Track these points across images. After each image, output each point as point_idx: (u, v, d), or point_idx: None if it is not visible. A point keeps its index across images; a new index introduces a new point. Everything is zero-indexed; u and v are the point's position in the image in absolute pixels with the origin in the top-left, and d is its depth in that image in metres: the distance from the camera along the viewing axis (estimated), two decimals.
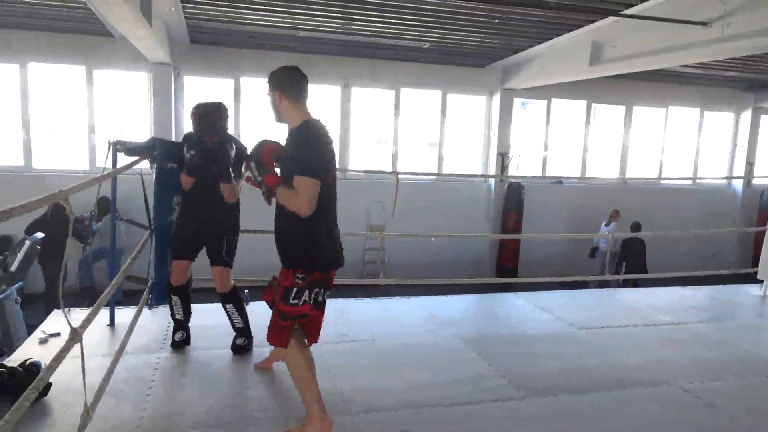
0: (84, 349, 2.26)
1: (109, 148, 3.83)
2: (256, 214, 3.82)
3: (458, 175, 11.24)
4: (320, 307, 2.73)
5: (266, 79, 2.75)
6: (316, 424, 2.65)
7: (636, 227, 9.92)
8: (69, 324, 2.11)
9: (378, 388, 3.30)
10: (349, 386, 3.25)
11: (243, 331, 3.75)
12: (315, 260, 2.63)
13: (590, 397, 3.30)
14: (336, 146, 2.89)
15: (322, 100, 10.42)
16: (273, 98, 2.70)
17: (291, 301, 2.60)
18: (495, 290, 8.11)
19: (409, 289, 6.07)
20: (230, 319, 3.76)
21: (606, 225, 10.52)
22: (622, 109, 12.12)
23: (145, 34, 6.45)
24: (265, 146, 2.69)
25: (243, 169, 3.38)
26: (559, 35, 8.18)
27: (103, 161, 3.76)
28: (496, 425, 2.95)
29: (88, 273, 8.60)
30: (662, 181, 12.45)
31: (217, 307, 4.07)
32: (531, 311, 4.99)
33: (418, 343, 4.10)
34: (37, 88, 9.14)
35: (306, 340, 2.79)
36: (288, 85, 2.67)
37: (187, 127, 10.39)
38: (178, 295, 3.76)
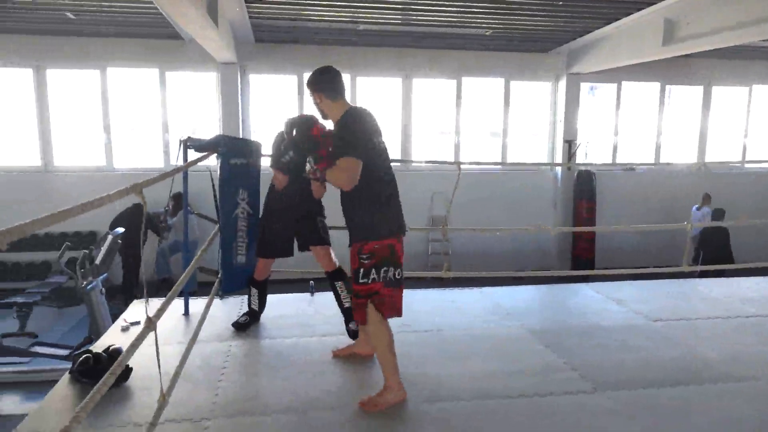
0: (161, 336, 2.37)
1: (180, 146, 3.99)
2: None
3: (522, 164, 10.99)
4: (395, 285, 2.88)
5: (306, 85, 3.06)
6: (393, 393, 2.88)
7: (720, 215, 9.31)
8: (146, 313, 2.21)
9: (444, 378, 3.27)
10: (415, 376, 3.23)
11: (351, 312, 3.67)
12: (374, 230, 2.83)
13: (668, 392, 3.13)
14: (398, 138, 3.14)
15: (383, 92, 10.46)
16: (315, 99, 2.98)
17: (360, 280, 2.84)
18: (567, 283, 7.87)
19: (472, 280, 5.99)
20: (338, 298, 3.80)
21: (698, 209, 9.91)
22: (699, 89, 11.42)
23: (212, 35, 6.68)
24: (311, 124, 3.03)
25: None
26: (628, 14, 7.81)
27: (175, 158, 3.93)
28: (567, 419, 2.86)
29: (165, 265, 9.05)
30: (746, 165, 11.65)
31: (284, 298, 4.17)
32: (602, 302, 4.80)
33: (484, 334, 4.04)
34: (116, 91, 9.69)
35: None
36: (325, 85, 2.94)
37: (254, 123, 10.59)
38: (257, 288, 3.99)
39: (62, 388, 3.08)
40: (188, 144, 4.00)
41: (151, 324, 2.23)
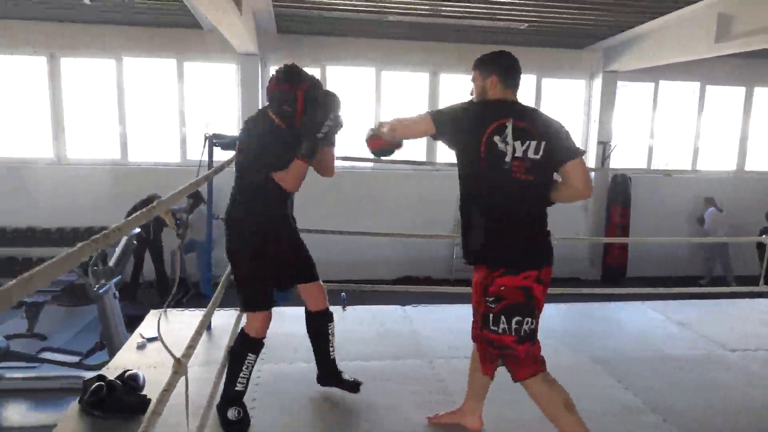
0: (178, 353, 1.91)
1: (205, 142, 3.60)
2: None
3: None
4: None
5: (473, 66, 2.55)
6: None
7: None
8: (171, 354, 1.80)
9: (509, 418, 2.83)
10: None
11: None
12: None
13: None
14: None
15: (410, 88, 10.01)
16: (483, 83, 2.49)
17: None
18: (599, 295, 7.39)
19: None
20: (326, 347, 3.01)
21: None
22: (741, 90, 10.85)
23: (235, 22, 6.26)
24: None
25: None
26: (678, 8, 7.30)
27: (200, 155, 3.53)
28: None
29: (181, 265, 8.67)
30: None
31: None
32: (664, 325, 4.34)
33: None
34: (132, 82, 9.29)
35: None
36: (506, 72, 2.50)
37: None
38: (256, 354, 2.71)
39: (71, 421, 2.68)
40: (213, 141, 3.61)
41: (180, 368, 1.82)
